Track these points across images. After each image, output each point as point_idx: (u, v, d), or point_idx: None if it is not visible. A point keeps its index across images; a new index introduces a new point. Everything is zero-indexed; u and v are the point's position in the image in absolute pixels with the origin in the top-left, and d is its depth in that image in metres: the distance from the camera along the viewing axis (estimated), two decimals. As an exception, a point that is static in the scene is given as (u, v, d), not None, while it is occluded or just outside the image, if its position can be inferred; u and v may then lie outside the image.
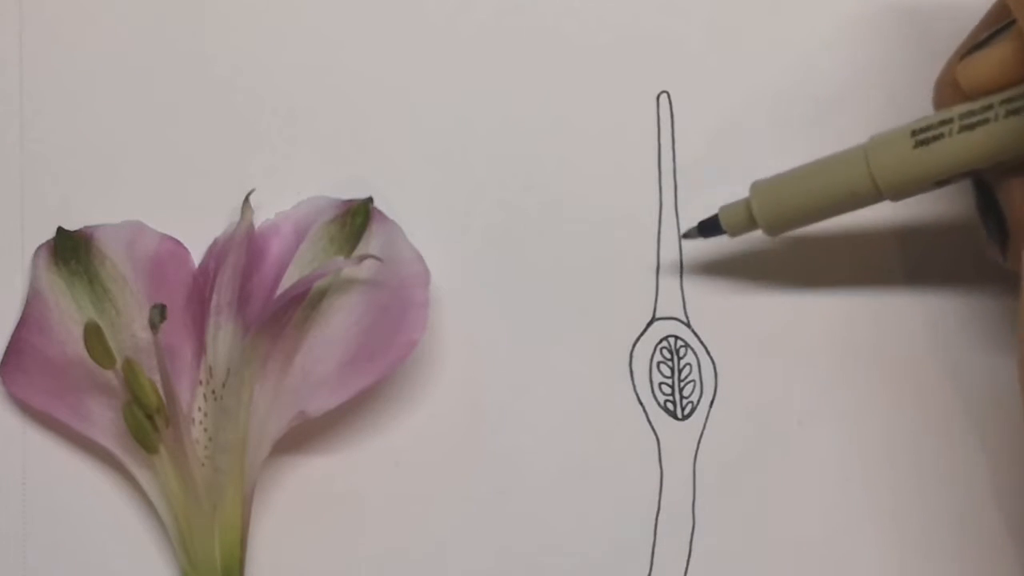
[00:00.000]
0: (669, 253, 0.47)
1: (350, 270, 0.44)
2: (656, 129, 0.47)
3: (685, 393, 0.46)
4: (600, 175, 0.47)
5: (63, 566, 0.45)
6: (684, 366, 0.46)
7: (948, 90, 0.42)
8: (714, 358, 0.46)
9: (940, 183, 0.41)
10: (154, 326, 0.42)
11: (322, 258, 0.45)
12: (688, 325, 0.46)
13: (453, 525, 0.45)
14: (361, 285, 0.44)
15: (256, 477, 0.44)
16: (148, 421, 0.43)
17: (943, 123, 0.41)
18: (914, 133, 0.41)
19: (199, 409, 0.44)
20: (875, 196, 0.42)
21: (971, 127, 0.40)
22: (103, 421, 0.44)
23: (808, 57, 0.47)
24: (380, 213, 0.45)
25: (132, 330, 0.44)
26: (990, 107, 0.40)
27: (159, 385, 0.43)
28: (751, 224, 0.44)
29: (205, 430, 0.44)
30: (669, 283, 0.47)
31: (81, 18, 0.47)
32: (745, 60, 0.47)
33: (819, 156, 0.46)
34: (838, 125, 0.47)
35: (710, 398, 0.46)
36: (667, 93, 0.47)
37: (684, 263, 0.47)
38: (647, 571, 0.46)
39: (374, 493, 0.45)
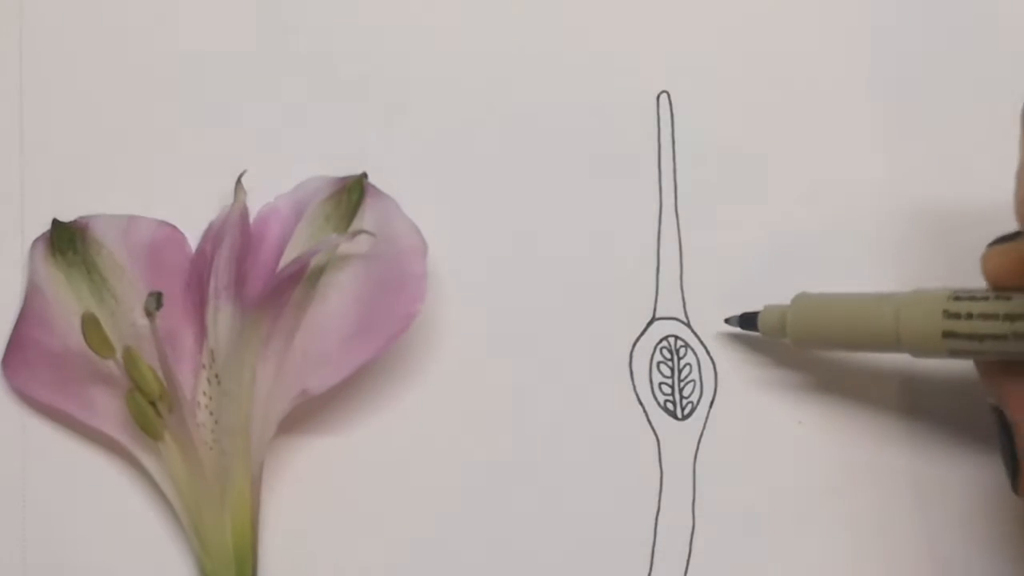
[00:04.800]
0: (669, 253, 0.47)
1: (346, 245, 0.44)
2: (656, 129, 0.47)
3: (685, 393, 0.46)
4: (600, 175, 0.47)
5: (71, 558, 0.45)
6: (684, 366, 0.46)
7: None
8: (714, 358, 0.46)
9: (957, 355, 0.41)
10: (150, 314, 0.42)
11: (319, 236, 0.45)
12: (688, 325, 0.46)
13: (454, 516, 0.45)
14: (358, 260, 0.45)
15: (263, 458, 0.44)
16: (151, 408, 0.43)
17: (975, 300, 0.40)
18: (949, 299, 0.40)
19: (204, 393, 0.44)
20: (896, 348, 0.42)
21: (987, 317, 0.40)
22: (108, 410, 0.44)
23: (808, 56, 0.47)
24: (375, 188, 0.45)
25: (132, 318, 0.45)
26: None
27: (159, 372, 0.43)
28: (782, 332, 0.44)
29: (211, 413, 0.44)
30: (669, 283, 0.47)
31: (79, 10, 0.47)
32: (745, 60, 0.47)
33: (818, 153, 0.46)
34: (839, 123, 0.47)
35: (710, 398, 0.46)
36: (667, 93, 0.47)
37: (684, 263, 0.47)
38: (647, 571, 0.46)
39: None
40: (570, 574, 0.45)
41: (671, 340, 0.46)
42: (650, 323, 0.47)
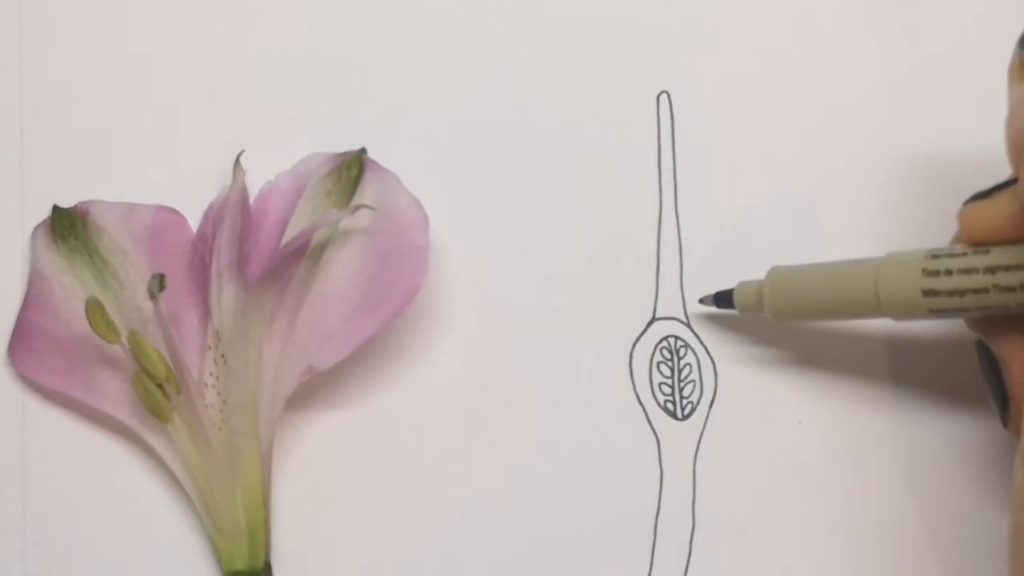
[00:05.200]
0: (669, 253, 0.47)
1: (347, 221, 0.44)
2: (656, 129, 0.47)
3: (685, 393, 0.46)
4: (600, 175, 0.47)
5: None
6: (684, 366, 0.46)
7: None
8: (714, 358, 0.46)
9: (938, 313, 0.41)
10: (154, 296, 0.42)
11: (320, 213, 0.45)
12: (688, 325, 0.46)
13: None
14: (360, 235, 0.45)
15: (272, 436, 0.44)
16: (159, 390, 0.43)
17: (953, 257, 0.40)
18: (927, 258, 0.40)
19: (210, 373, 0.44)
20: (877, 311, 0.42)
21: (967, 272, 0.40)
22: (116, 394, 0.45)
23: (808, 56, 0.47)
24: (374, 163, 0.45)
25: (136, 301, 0.45)
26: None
27: (166, 354, 0.43)
28: (760, 307, 0.44)
29: (218, 393, 0.44)
30: (669, 283, 0.47)
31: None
32: (745, 60, 0.47)
33: (818, 152, 0.46)
34: (841, 122, 0.47)
35: (710, 398, 0.46)
36: (667, 93, 0.47)
37: (684, 263, 0.47)
38: (647, 571, 0.46)
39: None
40: (570, 573, 0.45)
41: (671, 340, 0.46)
42: (650, 323, 0.47)
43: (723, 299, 0.45)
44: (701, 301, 0.46)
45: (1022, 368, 0.40)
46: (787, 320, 0.44)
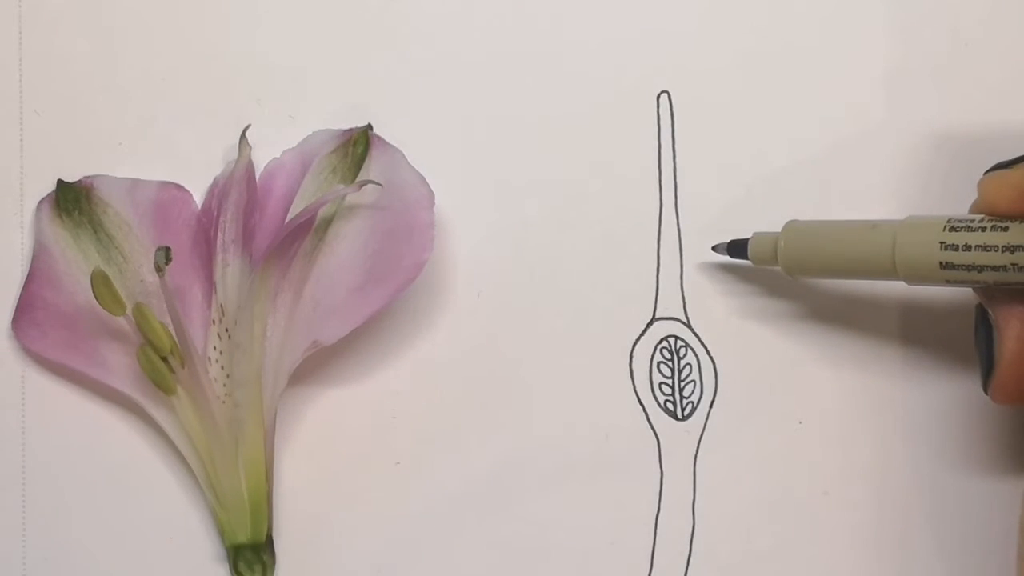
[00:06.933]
0: (669, 253, 0.47)
1: (353, 197, 0.44)
2: (656, 129, 0.47)
3: (685, 393, 0.46)
4: (600, 175, 0.47)
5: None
6: (684, 366, 0.46)
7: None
8: (714, 358, 0.46)
9: (953, 283, 0.41)
10: (160, 269, 0.42)
11: (325, 189, 0.45)
12: (688, 325, 0.46)
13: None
14: (366, 211, 0.45)
15: (275, 409, 0.44)
16: (163, 363, 0.44)
17: (972, 231, 0.40)
18: (945, 230, 0.40)
19: (214, 348, 0.44)
20: (892, 275, 0.42)
21: (986, 248, 0.40)
22: (120, 367, 0.45)
23: (809, 55, 0.47)
24: (380, 140, 0.45)
25: (140, 275, 0.45)
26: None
27: (171, 327, 0.43)
28: (774, 260, 0.44)
29: (222, 367, 0.44)
30: (669, 283, 0.47)
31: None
32: (745, 60, 0.47)
33: (819, 154, 0.47)
34: (840, 125, 0.47)
35: (710, 398, 0.46)
36: (667, 93, 0.47)
37: (684, 263, 0.47)
38: (647, 571, 0.45)
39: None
40: (570, 573, 0.45)
41: (671, 340, 0.46)
42: (650, 323, 0.46)
43: (737, 249, 0.45)
44: (715, 249, 0.46)
45: (1017, 338, 0.40)
46: (799, 275, 0.44)
